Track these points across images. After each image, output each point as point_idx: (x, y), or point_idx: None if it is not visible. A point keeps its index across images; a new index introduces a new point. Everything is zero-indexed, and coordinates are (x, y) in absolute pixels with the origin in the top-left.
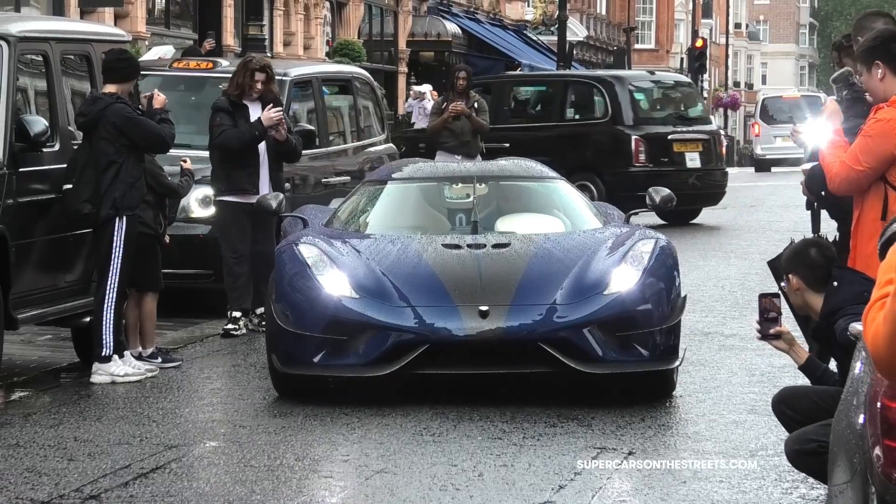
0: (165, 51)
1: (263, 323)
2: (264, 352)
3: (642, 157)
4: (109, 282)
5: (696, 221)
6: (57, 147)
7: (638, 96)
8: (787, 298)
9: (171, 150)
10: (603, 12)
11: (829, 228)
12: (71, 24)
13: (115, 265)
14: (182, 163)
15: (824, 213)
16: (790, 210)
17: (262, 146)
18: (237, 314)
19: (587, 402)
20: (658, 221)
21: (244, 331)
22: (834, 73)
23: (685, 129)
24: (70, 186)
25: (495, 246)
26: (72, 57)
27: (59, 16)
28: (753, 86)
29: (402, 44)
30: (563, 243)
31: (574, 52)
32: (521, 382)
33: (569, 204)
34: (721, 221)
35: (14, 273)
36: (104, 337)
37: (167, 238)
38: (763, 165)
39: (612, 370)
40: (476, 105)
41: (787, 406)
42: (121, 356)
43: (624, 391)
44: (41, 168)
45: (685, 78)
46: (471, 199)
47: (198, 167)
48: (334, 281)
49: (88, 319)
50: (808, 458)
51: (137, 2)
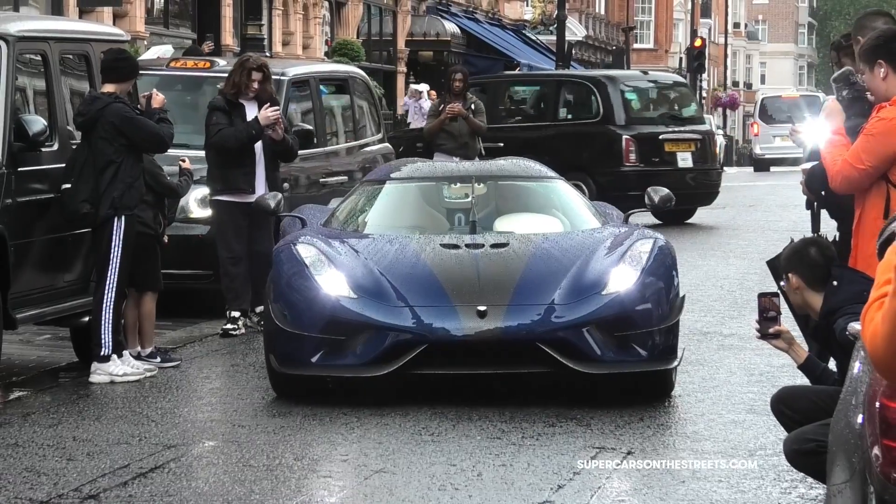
0: (164, 50)
1: (262, 322)
2: (263, 352)
3: (633, 157)
4: (108, 281)
5: (696, 221)
6: (56, 147)
7: (630, 96)
8: (787, 298)
9: (170, 150)
10: (602, 12)
11: (829, 228)
12: (70, 24)
13: (114, 265)
14: (181, 162)
15: (824, 213)
16: (789, 210)
17: (259, 146)
18: (236, 314)
19: (586, 402)
20: (653, 221)
21: (243, 331)
22: (834, 73)
23: (677, 129)
24: (69, 186)
25: (493, 246)
26: (70, 56)
27: (58, 15)
28: (752, 85)
29: (401, 43)
30: (562, 243)
31: (573, 52)
32: (520, 382)
33: (567, 204)
34: (720, 221)
35: (13, 273)
36: (103, 337)
37: (166, 238)
38: (762, 165)
39: (611, 370)
40: (473, 106)
41: (786, 406)
42: (119, 356)
43: (623, 391)
44: (40, 168)
45: (680, 78)
46: (469, 199)
47: (196, 167)
48: (332, 281)
49: (87, 319)
50: (807, 458)
51: (136, 1)
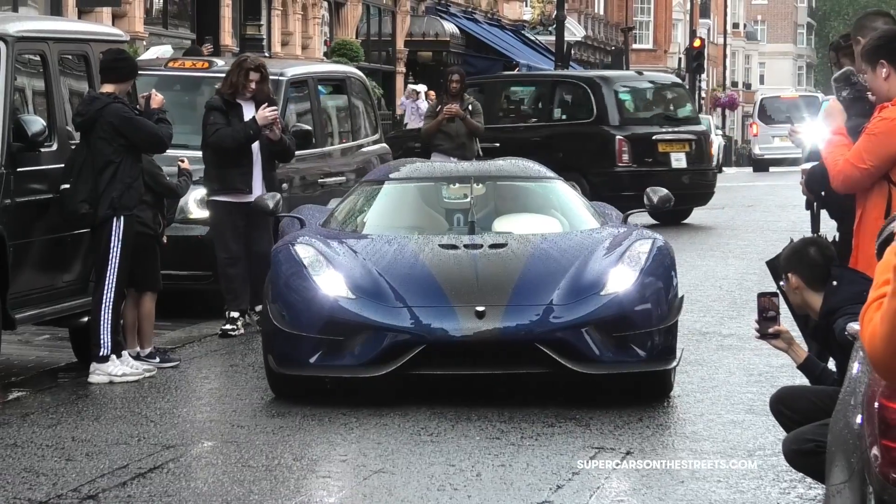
0: (164, 51)
1: (260, 321)
2: (262, 352)
3: (626, 158)
4: (107, 282)
5: (695, 222)
6: (55, 147)
7: (624, 97)
8: (786, 298)
9: (169, 150)
10: (601, 12)
11: (829, 228)
12: (69, 24)
13: (113, 265)
14: (180, 163)
15: (824, 214)
16: (788, 210)
17: (256, 146)
18: (235, 314)
19: (585, 403)
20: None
21: (242, 331)
22: (834, 73)
23: (671, 130)
24: (67, 186)
25: (492, 246)
26: (70, 57)
27: (57, 16)
28: (751, 86)
29: (400, 44)
30: (560, 244)
31: (572, 52)
32: (519, 382)
33: (566, 204)
34: (719, 221)
35: (12, 273)
36: (102, 337)
37: (165, 238)
38: (761, 165)
39: (609, 371)
40: (470, 107)
41: (785, 406)
42: (118, 356)
43: (622, 391)
44: (39, 168)
45: (675, 78)
46: (468, 200)
47: (195, 167)
48: (331, 281)
49: (86, 319)
50: (806, 458)
51: (135, 2)
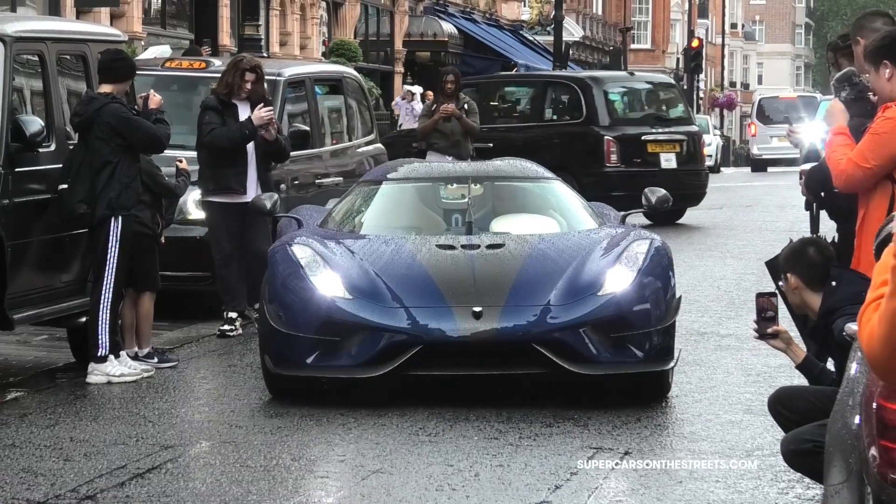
0: (162, 51)
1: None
2: (259, 352)
3: (614, 158)
4: (105, 282)
5: (694, 222)
6: (53, 147)
7: (614, 97)
8: (785, 298)
9: (166, 151)
10: (599, 12)
11: (828, 229)
12: (67, 25)
13: (111, 265)
14: (178, 163)
15: (823, 214)
16: (786, 210)
17: (251, 146)
18: (233, 315)
19: (583, 403)
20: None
21: (240, 331)
22: (832, 74)
23: (661, 130)
24: (65, 186)
25: (489, 246)
26: (68, 57)
27: (55, 16)
28: (749, 86)
29: (399, 44)
30: (558, 244)
31: (570, 53)
32: (518, 383)
33: (564, 204)
34: (717, 221)
35: (10, 273)
36: (100, 337)
37: (163, 238)
38: (759, 165)
39: (607, 371)
40: (466, 106)
41: (783, 406)
42: (117, 356)
43: (620, 392)
44: (37, 168)
45: (668, 79)
46: (466, 200)
47: (194, 168)
48: (328, 282)
49: (84, 319)
50: (804, 458)
51: (133, 2)
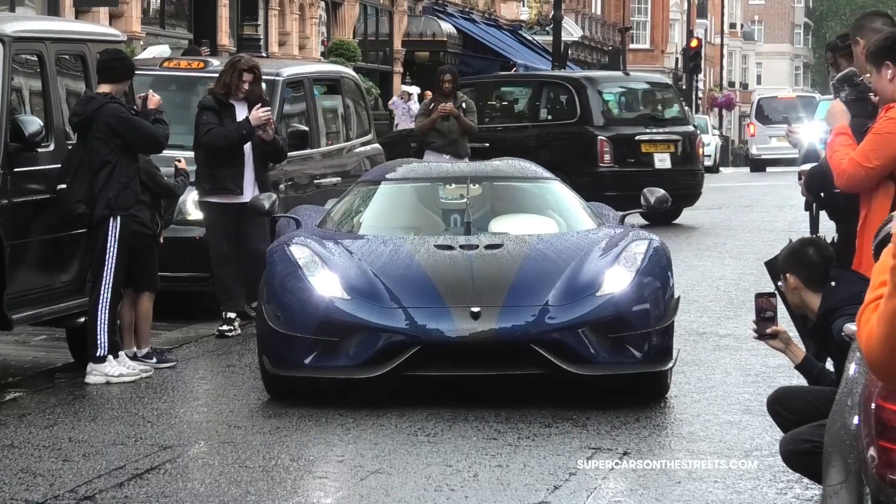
0: (161, 50)
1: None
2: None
3: (607, 158)
4: (104, 282)
5: (692, 222)
6: (52, 147)
7: (608, 97)
8: (784, 298)
9: (165, 151)
10: (598, 12)
11: (827, 229)
12: (66, 24)
13: (110, 265)
14: (176, 163)
15: (823, 215)
16: (785, 210)
17: (248, 146)
18: (231, 315)
19: (582, 403)
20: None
21: (238, 332)
22: (830, 74)
23: (656, 131)
24: (64, 186)
25: (488, 247)
26: (67, 57)
27: (54, 16)
28: (748, 86)
29: (398, 44)
30: (556, 244)
31: (569, 53)
32: (516, 383)
33: (563, 204)
34: (716, 221)
35: (9, 273)
36: (99, 337)
37: (161, 239)
38: (758, 165)
39: (605, 372)
40: (464, 105)
41: (782, 406)
42: (115, 356)
43: (618, 392)
44: (36, 168)
45: (663, 79)
46: (465, 200)
47: (192, 168)
48: (326, 282)
49: (83, 320)
50: (803, 459)
51: (132, 2)
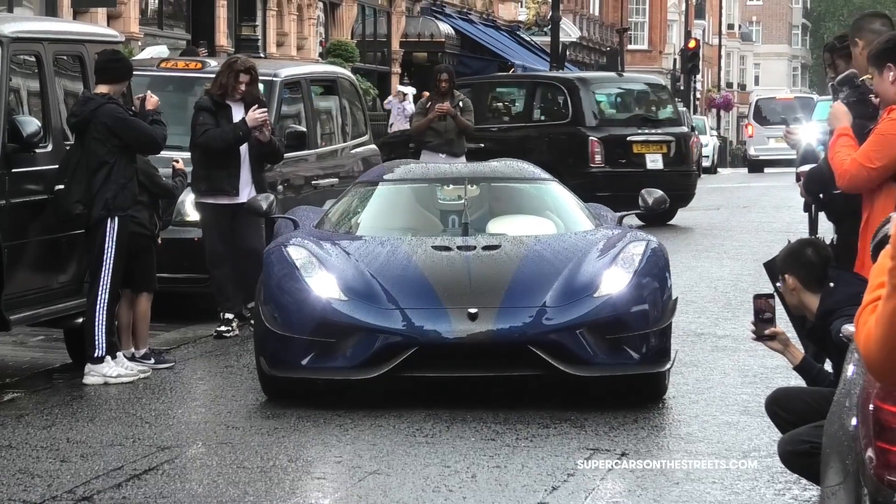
0: (159, 51)
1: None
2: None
3: (598, 159)
4: (102, 283)
5: (690, 223)
6: (50, 148)
7: (601, 98)
8: (783, 299)
9: (163, 152)
10: (596, 13)
11: (826, 230)
12: (64, 25)
13: (108, 266)
14: (174, 163)
15: (822, 216)
16: (783, 211)
17: (244, 147)
18: (229, 316)
19: (580, 404)
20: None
21: (236, 332)
22: (832, 75)
23: (648, 131)
24: (62, 187)
25: (485, 248)
26: (65, 57)
27: (52, 16)
28: (746, 86)
29: (396, 44)
30: (554, 245)
31: (567, 53)
32: (515, 384)
33: (561, 205)
34: (714, 222)
35: (7, 274)
36: (96, 338)
37: (159, 240)
38: (756, 166)
39: (603, 373)
40: (461, 104)
41: (780, 407)
42: (113, 357)
43: (616, 393)
44: (34, 169)
45: (658, 80)
46: (462, 201)
47: (190, 169)
48: (323, 283)
49: (81, 320)
50: (801, 460)
51: (130, 2)
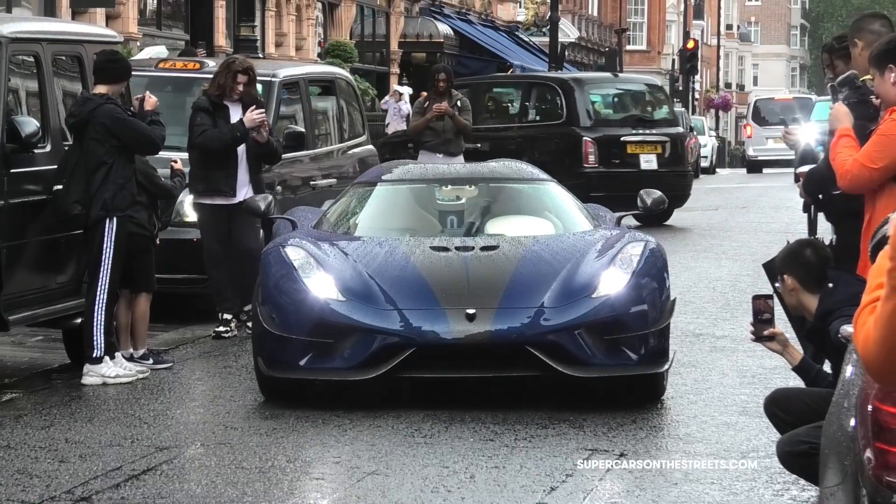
0: (158, 51)
1: (249, 322)
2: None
3: (592, 159)
4: (100, 283)
5: (688, 223)
6: (48, 148)
7: (595, 99)
8: (782, 299)
9: (161, 152)
10: (595, 13)
11: (823, 231)
12: (62, 25)
13: (106, 266)
14: (172, 164)
15: (821, 217)
16: (782, 211)
17: (241, 148)
18: (227, 316)
19: (579, 404)
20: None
21: (235, 333)
22: (830, 75)
23: (643, 132)
24: (60, 187)
25: (483, 248)
26: (63, 58)
27: (51, 16)
28: (745, 87)
29: (394, 45)
30: (552, 246)
31: (566, 54)
32: (513, 384)
33: (560, 206)
34: (712, 223)
35: (6, 274)
36: (95, 338)
37: (157, 240)
38: (755, 167)
39: (601, 374)
40: (459, 104)
41: (779, 408)
42: (112, 358)
43: (615, 393)
44: (33, 169)
45: (653, 80)
46: (461, 202)
47: (188, 169)
48: (321, 283)
49: (79, 321)
50: (800, 460)
51: (129, 3)
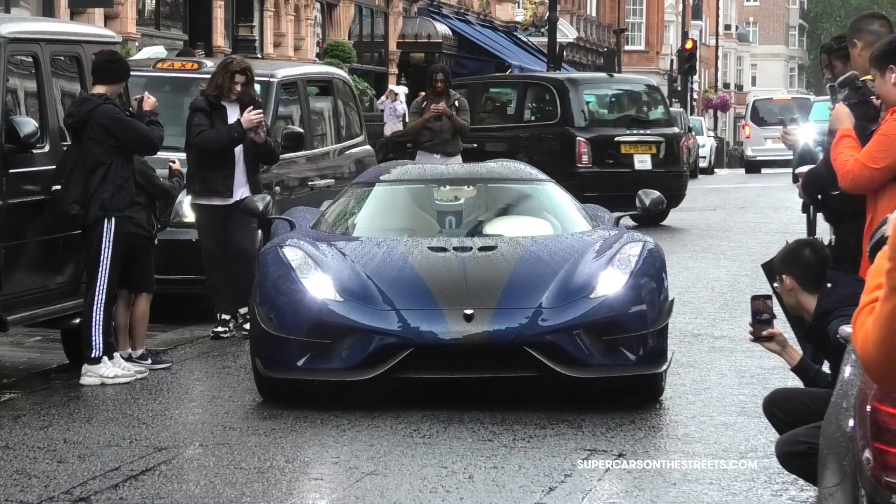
0: (156, 51)
1: (244, 324)
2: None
3: (585, 159)
4: (98, 283)
5: (687, 223)
6: (47, 148)
7: (590, 99)
8: (780, 299)
9: (160, 153)
10: (593, 14)
11: (822, 232)
12: (61, 26)
13: (104, 267)
14: (171, 164)
15: (820, 217)
16: (780, 211)
17: (239, 148)
18: (226, 317)
19: (578, 405)
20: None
21: (233, 333)
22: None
23: (637, 132)
24: (59, 187)
25: (482, 249)
26: (62, 58)
27: (49, 17)
28: (743, 87)
29: (393, 45)
30: (551, 246)
31: (564, 54)
32: (512, 384)
33: (558, 206)
34: (711, 223)
35: (4, 274)
36: (93, 338)
37: (156, 240)
38: (753, 167)
39: (599, 374)
40: (457, 104)
41: (778, 408)
42: (110, 358)
43: (614, 393)
44: (31, 169)
45: (649, 80)
46: (459, 202)
47: (186, 169)
48: (318, 284)
49: (78, 321)
50: (799, 460)
51: (127, 3)
